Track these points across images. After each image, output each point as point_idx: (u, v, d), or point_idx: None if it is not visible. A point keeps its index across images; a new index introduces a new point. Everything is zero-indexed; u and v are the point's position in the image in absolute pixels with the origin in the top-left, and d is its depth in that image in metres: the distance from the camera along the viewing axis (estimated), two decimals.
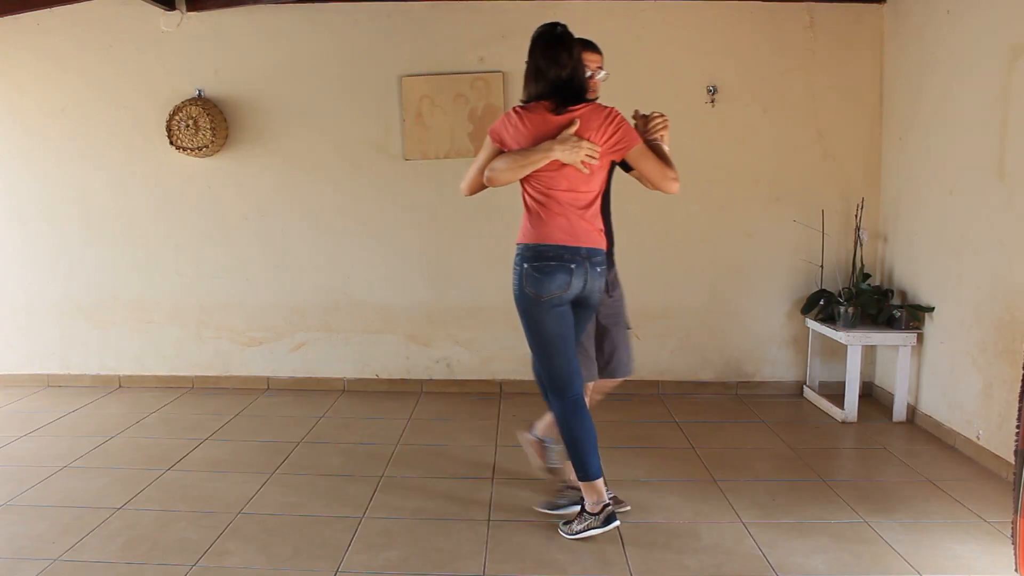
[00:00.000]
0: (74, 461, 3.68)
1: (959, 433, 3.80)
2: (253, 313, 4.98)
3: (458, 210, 4.75)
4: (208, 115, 4.65)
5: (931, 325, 4.12)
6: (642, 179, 2.84)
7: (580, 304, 2.83)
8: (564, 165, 2.70)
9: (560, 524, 2.92)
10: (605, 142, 2.71)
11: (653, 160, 2.76)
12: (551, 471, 3.22)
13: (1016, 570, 2.33)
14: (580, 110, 2.72)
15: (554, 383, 2.85)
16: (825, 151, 4.67)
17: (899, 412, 4.26)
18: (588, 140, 2.68)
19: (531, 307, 2.79)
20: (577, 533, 2.84)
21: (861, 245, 4.55)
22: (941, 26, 3.98)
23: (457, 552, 2.77)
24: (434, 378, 4.96)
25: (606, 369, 3.10)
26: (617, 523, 2.84)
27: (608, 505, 2.84)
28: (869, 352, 4.71)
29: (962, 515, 3.06)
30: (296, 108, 4.80)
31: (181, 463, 3.67)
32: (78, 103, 4.88)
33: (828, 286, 4.62)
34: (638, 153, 2.75)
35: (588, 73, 2.84)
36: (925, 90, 4.15)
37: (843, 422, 4.25)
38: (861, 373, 4.35)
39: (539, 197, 2.76)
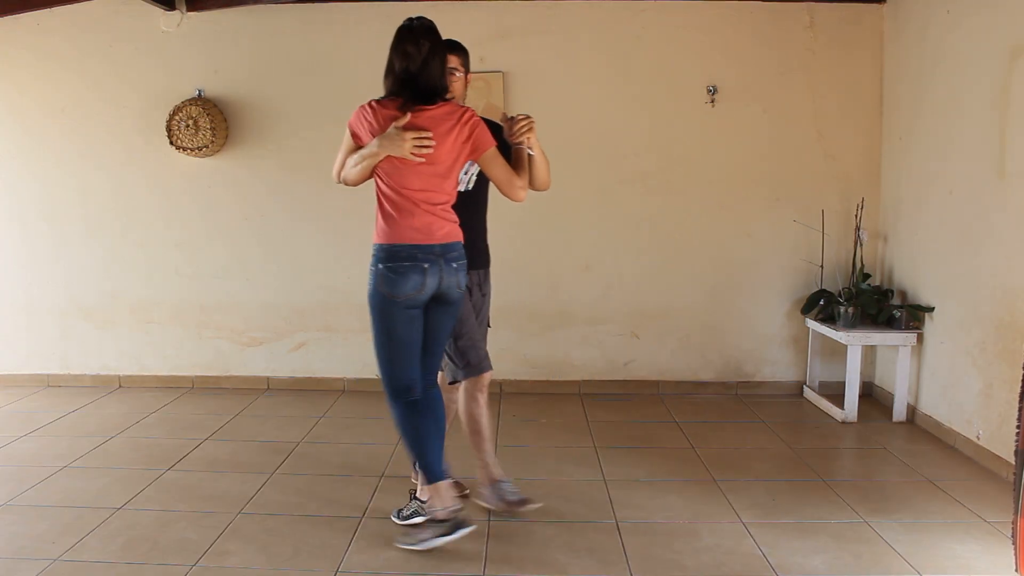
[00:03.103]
0: (74, 461, 3.68)
1: (959, 433, 3.80)
2: (253, 313, 4.98)
3: None
4: (208, 115, 4.65)
5: (931, 325, 4.12)
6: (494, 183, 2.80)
7: (440, 301, 2.75)
8: (416, 163, 2.61)
9: (399, 536, 2.84)
10: (463, 143, 2.65)
11: (502, 166, 2.72)
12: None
13: (1016, 570, 2.33)
14: (432, 110, 2.63)
15: (394, 386, 2.80)
16: (825, 151, 4.68)
17: (899, 412, 4.26)
18: (427, 134, 2.59)
19: (385, 307, 2.76)
20: (423, 542, 2.73)
21: (861, 245, 4.55)
22: (941, 26, 3.98)
23: (457, 552, 2.76)
24: None
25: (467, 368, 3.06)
26: (467, 529, 2.72)
27: (459, 510, 2.74)
28: (869, 352, 4.71)
29: (962, 515, 3.06)
30: (296, 108, 4.80)
31: (181, 463, 3.67)
32: (78, 103, 4.88)
33: (828, 286, 4.62)
34: (490, 157, 2.70)
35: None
36: (925, 90, 4.15)
37: (843, 422, 4.25)
38: (861, 373, 4.35)
39: (392, 195, 2.69)
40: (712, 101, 4.66)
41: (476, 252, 2.98)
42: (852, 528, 2.95)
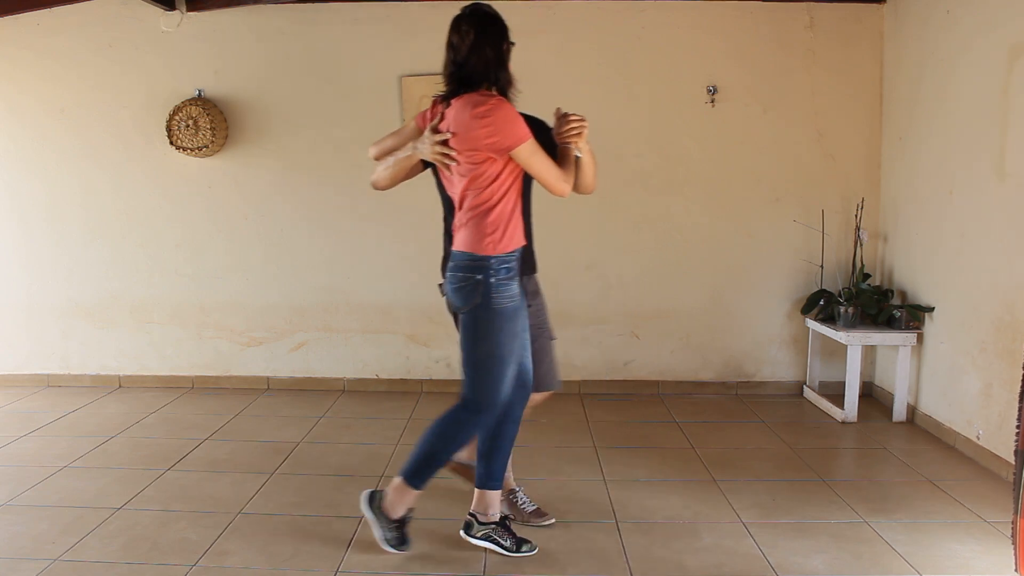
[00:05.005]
0: (74, 461, 3.68)
1: (959, 433, 3.80)
2: (253, 313, 4.98)
3: None
4: (208, 115, 4.65)
5: (931, 325, 4.12)
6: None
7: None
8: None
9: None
10: (484, 141, 2.42)
11: (540, 163, 2.48)
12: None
13: (1016, 570, 2.33)
14: (454, 103, 2.47)
15: None
16: (825, 151, 4.68)
17: (899, 412, 4.26)
18: (451, 135, 2.45)
19: None
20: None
21: (861, 245, 4.56)
22: (941, 26, 3.98)
23: (457, 552, 2.77)
24: (434, 378, 4.95)
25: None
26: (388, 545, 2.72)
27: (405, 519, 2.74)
28: (869, 352, 4.71)
29: (962, 515, 3.06)
30: (296, 108, 4.80)
31: (181, 463, 3.67)
32: (78, 103, 4.88)
33: (828, 286, 4.62)
34: (525, 153, 2.45)
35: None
36: (925, 90, 4.15)
37: (843, 422, 4.25)
38: (861, 373, 4.35)
39: None
40: (712, 101, 4.66)
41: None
42: (852, 528, 2.95)
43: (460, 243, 2.57)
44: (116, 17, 4.77)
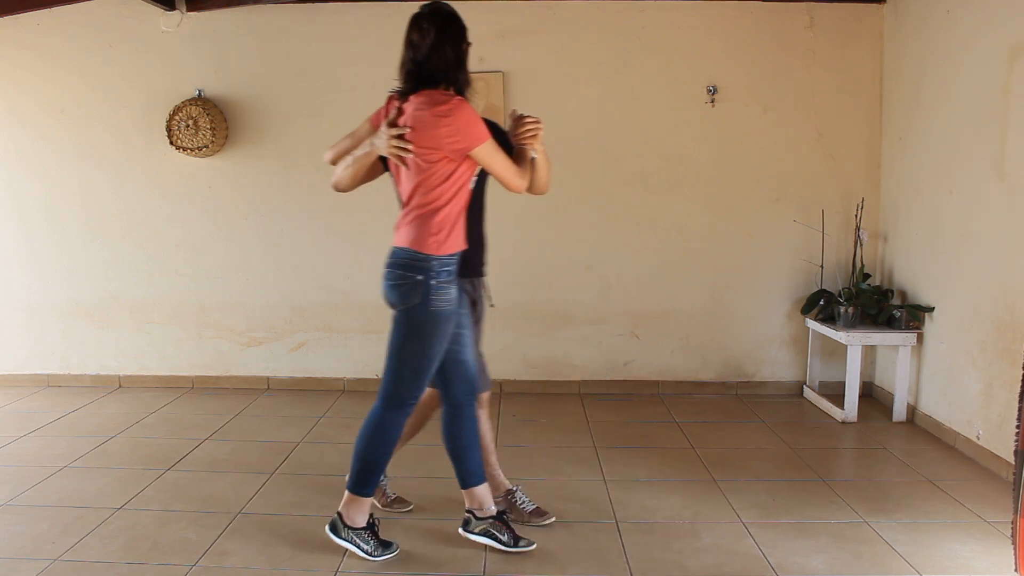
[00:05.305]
0: (74, 461, 3.68)
1: (959, 433, 3.80)
2: (253, 313, 4.97)
3: None
4: (208, 115, 4.65)
5: (931, 325, 4.12)
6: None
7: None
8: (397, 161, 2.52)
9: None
10: (443, 140, 2.43)
11: (500, 161, 2.50)
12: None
13: (1016, 570, 2.33)
14: (411, 100, 2.47)
15: None
16: (825, 151, 4.68)
17: (899, 412, 4.26)
18: (410, 134, 2.45)
19: None
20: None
21: (861, 245, 4.56)
22: (941, 26, 3.98)
23: (457, 552, 2.77)
24: None
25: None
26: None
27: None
28: (869, 352, 4.71)
29: (962, 515, 3.06)
30: (296, 108, 4.80)
31: (181, 463, 3.67)
32: (78, 103, 4.88)
33: (828, 286, 4.62)
34: (484, 153, 2.47)
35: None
36: (925, 90, 4.15)
37: (843, 422, 4.25)
38: (861, 373, 4.35)
39: None
40: (712, 101, 4.66)
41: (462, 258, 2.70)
42: (852, 528, 2.95)
43: (403, 239, 2.56)
44: (116, 17, 4.77)
